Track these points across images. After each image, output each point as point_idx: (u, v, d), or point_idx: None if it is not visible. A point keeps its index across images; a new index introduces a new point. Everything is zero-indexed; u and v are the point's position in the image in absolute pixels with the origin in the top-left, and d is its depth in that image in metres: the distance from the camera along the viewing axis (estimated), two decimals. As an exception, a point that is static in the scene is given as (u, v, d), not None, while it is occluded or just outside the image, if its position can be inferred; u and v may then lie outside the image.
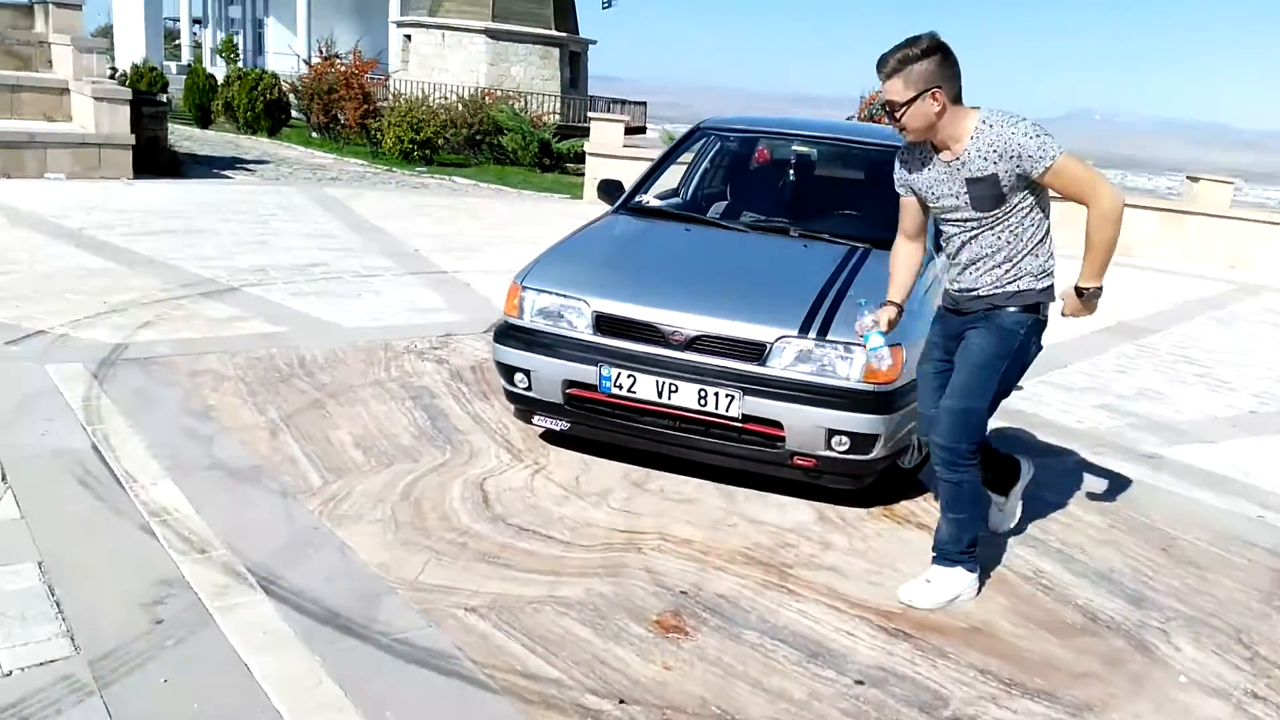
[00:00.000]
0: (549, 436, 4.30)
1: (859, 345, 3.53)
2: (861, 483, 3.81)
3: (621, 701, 2.52)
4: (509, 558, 3.25)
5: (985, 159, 2.90)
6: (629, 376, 3.73)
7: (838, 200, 5.18)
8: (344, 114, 20.83)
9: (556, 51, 32.00)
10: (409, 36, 31.69)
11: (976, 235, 3.04)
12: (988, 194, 2.94)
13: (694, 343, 3.70)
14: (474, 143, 21.35)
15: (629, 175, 12.80)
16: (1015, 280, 3.04)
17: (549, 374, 3.89)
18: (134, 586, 2.81)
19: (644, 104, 34.79)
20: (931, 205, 3.15)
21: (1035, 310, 3.08)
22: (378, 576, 3.02)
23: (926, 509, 3.92)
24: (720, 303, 3.79)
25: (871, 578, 3.33)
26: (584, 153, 22.20)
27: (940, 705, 2.63)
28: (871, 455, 3.64)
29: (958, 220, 3.07)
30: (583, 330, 3.86)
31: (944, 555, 3.19)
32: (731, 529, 3.63)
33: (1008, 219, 2.99)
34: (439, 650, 2.65)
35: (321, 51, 23.05)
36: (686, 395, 3.67)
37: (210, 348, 5.20)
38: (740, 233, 4.60)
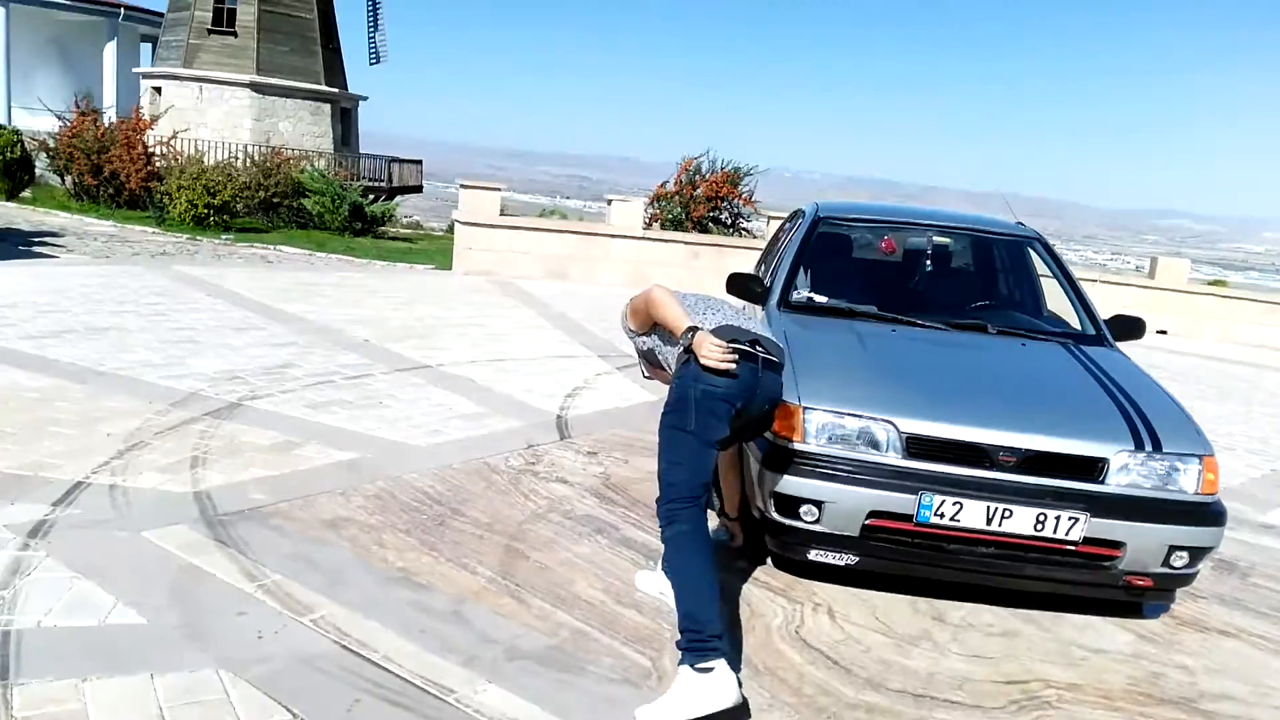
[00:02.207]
0: (787, 565, 3.87)
1: (1197, 457, 3.47)
2: (1174, 597, 3.72)
3: None
4: (950, 734, 2.84)
5: None
6: (954, 504, 3.42)
7: (980, 290, 5.14)
8: (122, 176, 18.57)
9: (328, 107, 30.50)
10: (159, 89, 28.93)
11: None
12: None
13: (1027, 464, 3.46)
14: (270, 206, 19.75)
15: (508, 245, 12.36)
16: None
17: (849, 505, 3.49)
18: None
19: (419, 162, 33.82)
20: None
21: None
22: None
23: (1194, 616, 3.90)
24: (1041, 418, 3.58)
25: (1268, 700, 3.23)
26: (389, 215, 21.27)
27: None
28: (1200, 567, 3.56)
29: None
30: (894, 454, 3.50)
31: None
32: (1091, 663, 3.40)
33: None
34: None
35: (79, 106, 20.47)
36: (1022, 520, 3.41)
37: (304, 488, 4.29)
38: (945, 331, 4.41)
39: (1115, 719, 3.03)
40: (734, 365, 3.04)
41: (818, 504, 3.51)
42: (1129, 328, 4.67)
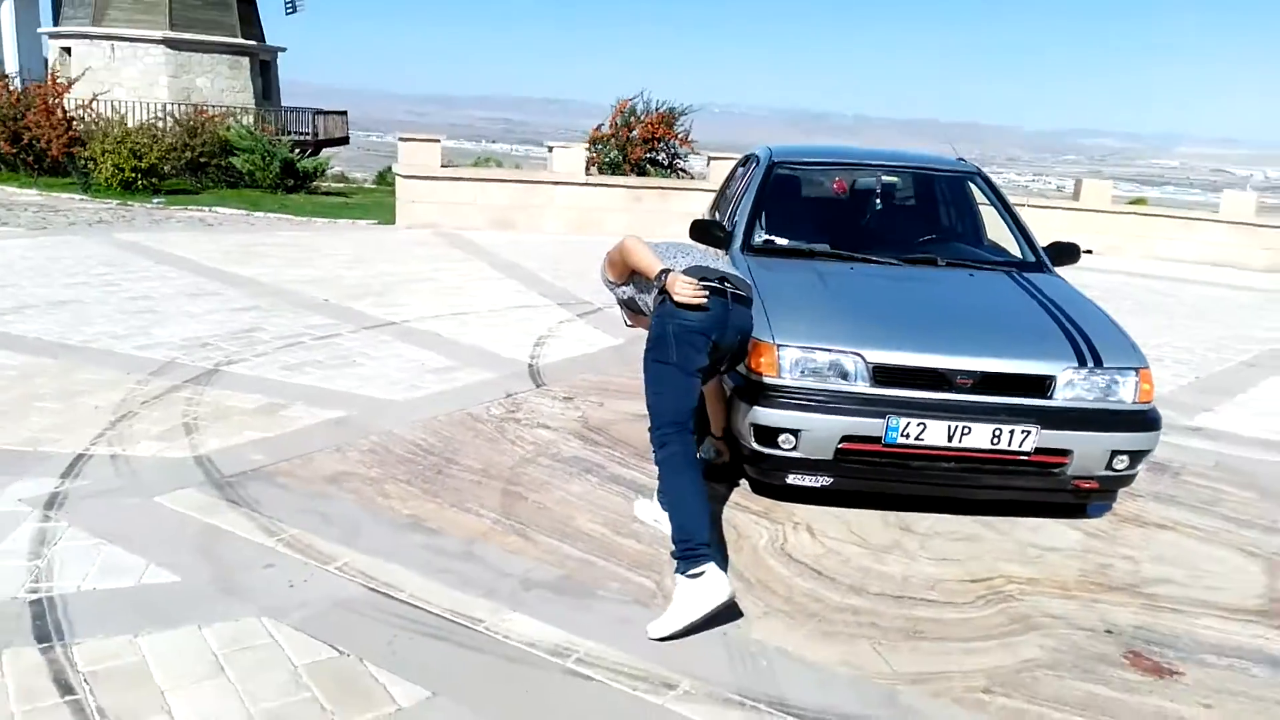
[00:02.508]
0: (758, 485, 4.17)
1: (1133, 370, 3.83)
2: (1115, 497, 4.11)
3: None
4: (927, 626, 3.18)
5: None
6: (919, 425, 3.74)
7: (927, 224, 5.44)
8: (42, 143, 17.99)
9: (246, 61, 29.66)
10: (68, 50, 27.80)
11: None
12: None
13: (981, 384, 3.79)
14: (198, 166, 19.32)
15: (452, 196, 12.36)
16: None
17: (823, 431, 3.79)
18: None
19: (344, 113, 33.05)
20: None
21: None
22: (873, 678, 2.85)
23: (1134, 513, 4.31)
24: (993, 342, 3.91)
25: (1202, 582, 3.64)
26: (321, 170, 20.94)
27: None
28: (1139, 469, 3.95)
29: None
30: (862, 383, 3.80)
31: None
32: (1046, 559, 3.77)
33: None
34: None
35: (-12, 71, 19.66)
36: (980, 436, 3.75)
37: (299, 447, 4.46)
38: (899, 265, 4.71)
39: (1071, 606, 3.40)
40: (705, 299, 3.28)
41: (795, 432, 3.80)
42: (1065, 253, 5.02)
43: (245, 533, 3.56)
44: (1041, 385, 3.81)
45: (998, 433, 3.74)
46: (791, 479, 3.95)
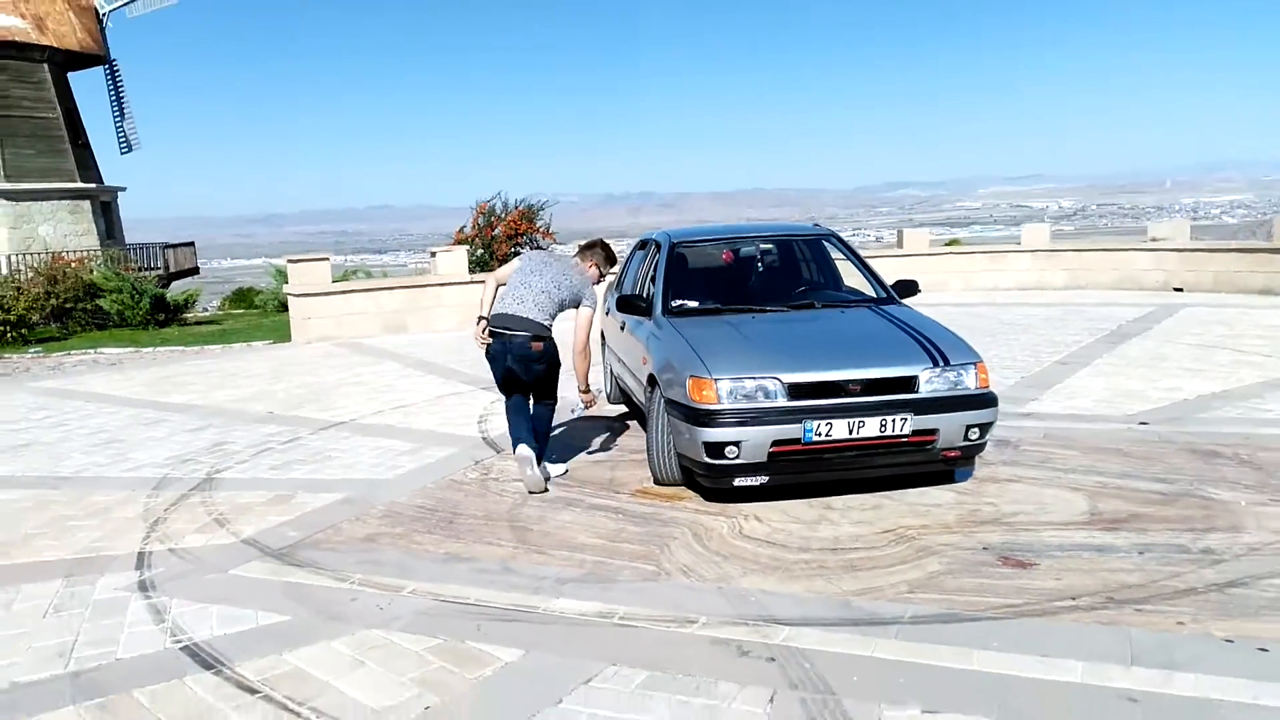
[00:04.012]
0: (708, 494, 5.30)
1: (972, 364, 5.19)
2: (974, 464, 5.44)
3: (1074, 598, 3.86)
4: (859, 563, 4.35)
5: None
6: (826, 424, 4.97)
7: (799, 278, 6.79)
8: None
9: (87, 204, 29.45)
10: (-108, 209, 26.98)
11: None
12: None
13: (867, 388, 5.06)
14: (63, 312, 19.30)
15: (345, 308, 13.10)
16: None
17: (757, 440, 4.96)
18: None
19: (192, 244, 33.06)
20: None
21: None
22: (848, 597, 3.99)
23: (989, 475, 5.65)
24: (869, 357, 5.19)
25: (1044, 510, 4.96)
26: (191, 301, 21.17)
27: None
28: (988, 438, 5.29)
29: None
30: (781, 399, 5.01)
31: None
32: (932, 512, 5.02)
33: None
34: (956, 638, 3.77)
35: None
36: (871, 427, 5.00)
37: (323, 522, 5.30)
38: (786, 311, 6.00)
39: (955, 537, 4.63)
40: (490, 342, 5.59)
41: (737, 443, 4.95)
42: (907, 288, 6.44)
43: (320, 582, 4.41)
44: (909, 384, 5.11)
45: (884, 423, 5.00)
46: (737, 481, 5.09)
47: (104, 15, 30.96)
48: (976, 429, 5.16)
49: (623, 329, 6.77)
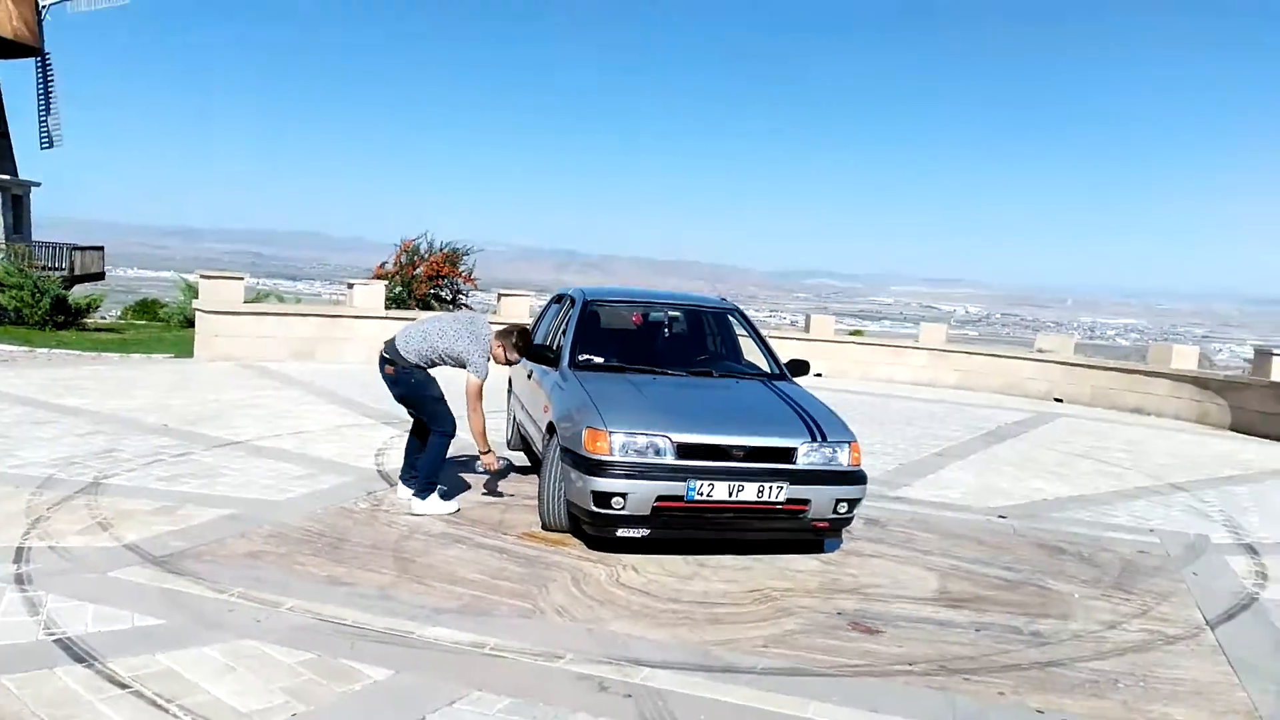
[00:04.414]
0: (592, 542, 5.54)
1: (847, 442, 5.59)
2: (841, 536, 5.81)
3: (910, 664, 4.21)
4: (723, 617, 4.63)
5: None
6: (709, 485, 5.29)
7: (702, 346, 7.16)
8: None
9: (-4, 195, 28.45)
10: None
11: None
12: None
13: (749, 455, 5.40)
14: (-44, 304, 18.70)
15: (255, 330, 13.05)
16: None
17: (643, 493, 5.24)
18: None
19: (101, 249, 32.19)
20: None
21: None
22: (692, 643, 4.25)
23: (855, 549, 6.03)
24: (755, 427, 5.55)
25: (898, 585, 5.34)
26: (94, 305, 20.67)
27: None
28: (855, 513, 5.67)
29: None
30: (669, 457, 5.31)
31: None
32: (797, 577, 5.36)
33: None
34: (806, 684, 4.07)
35: None
36: (750, 492, 5.33)
37: (208, 535, 5.35)
38: (685, 376, 6.36)
39: (814, 601, 4.96)
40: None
41: (623, 495, 5.22)
42: (799, 368, 6.86)
43: (199, 591, 4.49)
44: (789, 454, 5.47)
45: (761, 489, 5.34)
46: (620, 532, 5.34)
47: (44, 8, 30.37)
48: (845, 503, 5.54)
49: (529, 377, 7.02)
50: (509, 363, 6.36)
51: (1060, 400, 16.44)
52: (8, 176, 28.71)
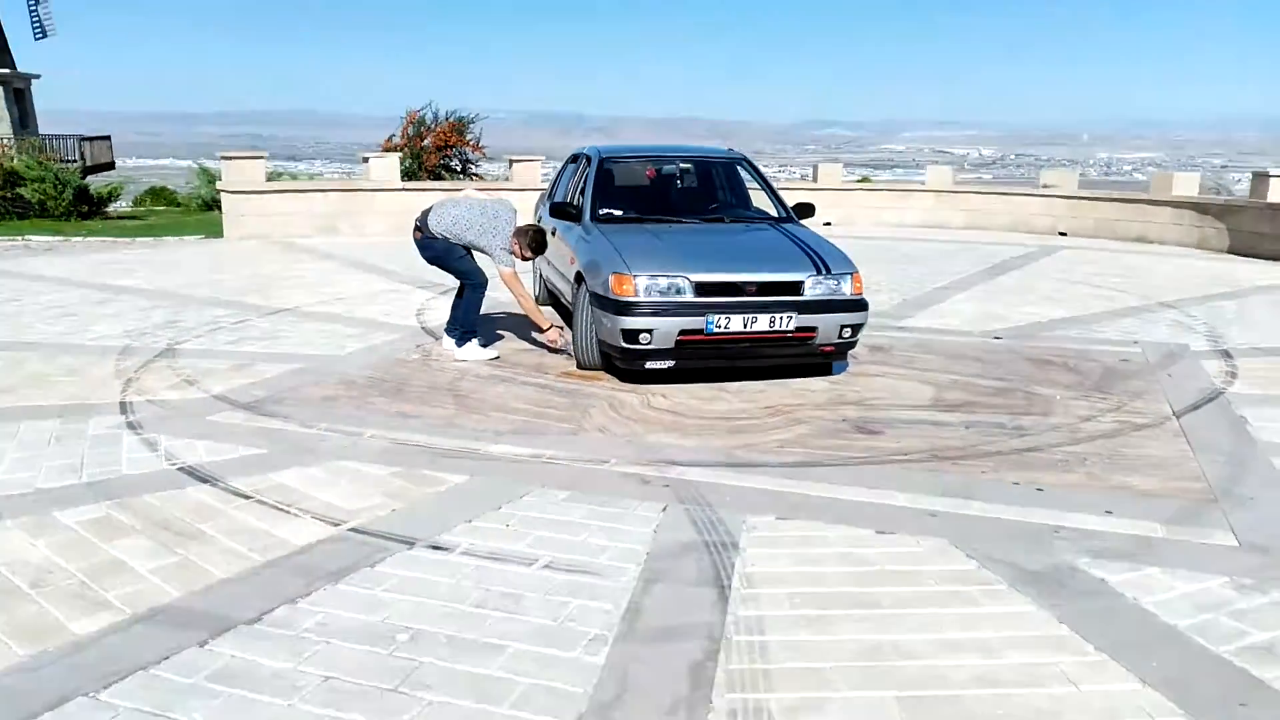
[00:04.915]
0: (623, 375, 6.19)
1: (849, 274, 6.15)
2: (847, 359, 6.45)
3: (906, 455, 4.89)
4: (744, 427, 5.31)
5: None
6: (725, 319, 5.89)
7: (713, 195, 7.66)
8: None
9: (0, 90, 28.41)
10: None
11: None
12: None
13: (760, 290, 5.98)
14: (-18, 201, 19.11)
15: (278, 208, 13.52)
16: None
17: (667, 328, 5.86)
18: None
19: (108, 138, 32.21)
20: None
21: None
22: (733, 449, 4.94)
23: (860, 370, 6.67)
24: (765, 264, 6.11)
25: (898, 396, 6.00)
26: (115, 194, 21.08)
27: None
28: (859, 337, 6.28)
29: None
30: (689, 295, 5.90)
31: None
32: (807, 395, 6.01)
33: None
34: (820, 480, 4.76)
35: None
36: (762, 323, 5.94)
37: (285, 385, 6.03)
38: (699, 223, 6.89)
39: (823, 413, 5.62)
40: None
41: (649, 331, 5.84)
42: (804, 210, 7.36)
43: (290, 427, 5.19)
44: (796, 288, 6.04)
45: (773, 319, 5.94)
46: (649, 365, 5.99)
47: (21, -112, 29.56)
48: (849, 329, 6.15)
49: (553, 234, 7.55)
50: (524, 259, 6.72)
51: (1064, 234, 16.84)
52: (8, 70, 28.59)
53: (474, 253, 6.79)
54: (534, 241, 6.64)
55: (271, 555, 3.62)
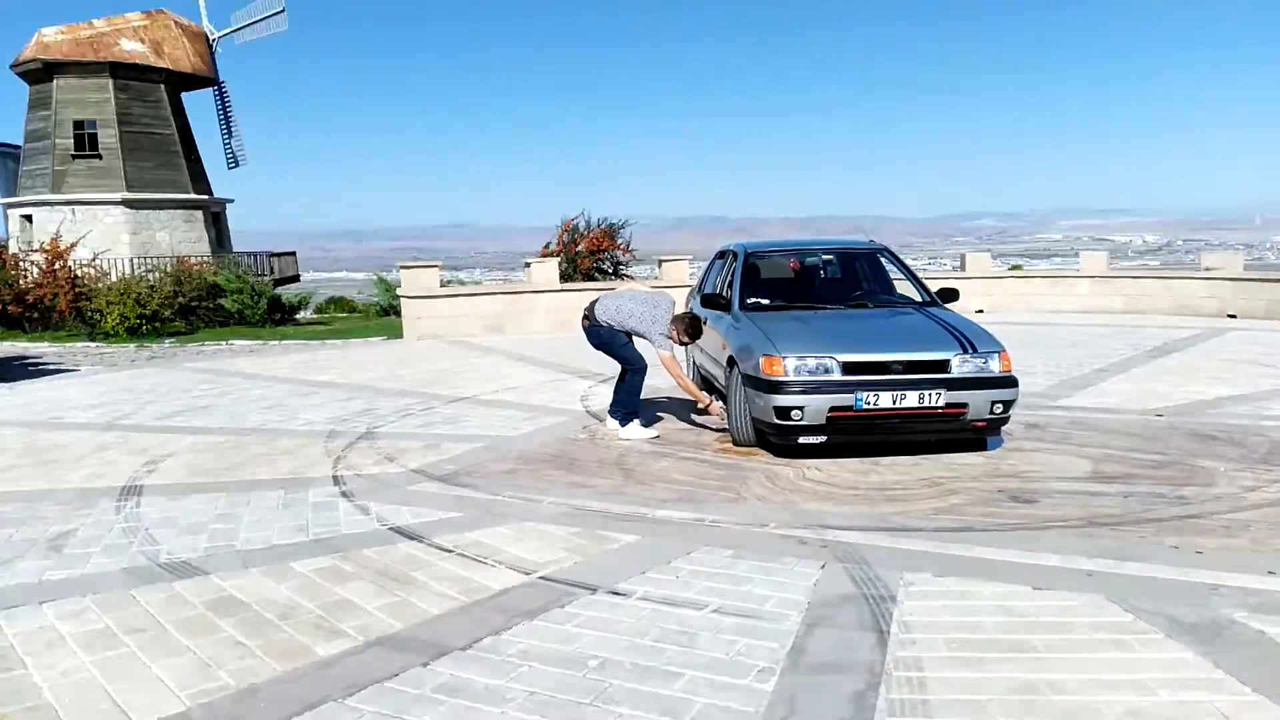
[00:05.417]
0: (778, 450, 6.52)
1: (996, 352, 6.35)
2: (999, 432, 6.60)
3: (1063, 521, 5.01)
4: (897, 496, 5.55)
5: None
6: (874, 396, 6.18)
7: (856, 284, 8.03)
8: (47, 300, 19.91)
9: (200, 214, 31.79)
10: (28, 217, 29.64)
11: None
12: None
13: (907, 368, 6.26)
14: (188, 310, 21.25)
15: (450, 310, 14.57)
16: None
17: (818, 405, 6.19)
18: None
19: (294, 254, 35.30)
20: None
21: None
22: (887, 516, 5.20)
23: (1015, 446, 6.78)
24: (910, 344, 6.41)
25: (1053, 470, 6.10)
26: (305, 303, 23.01)
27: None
28: (1010, 413, 6.44)
29: None
30: (837, 374, 6.24)
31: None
32: (962, 468, 6.19)
33: None
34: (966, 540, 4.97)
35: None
36: (911, 399, 6.20)
37: (470, 461, 6.65)
38: (844, 309, 7.26)
39: (978, 484, 5.79)
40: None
41: (801, 408, 6.20)
42: (949, 295, 7.63)
43: (479, 495, 5.76)
44: (943, 365, 6.29)
45: (922, 396, 6.19)
46: (801, 439, 6.32)
47: (214, 41, 33.50)
48: (1000, 404, 6.33)
49: (704, 323, 8.06)
50: (681, 343, 7.35)
51: (1234, 316, 16.22)
52: (207, 196, 31.93)
53: (635, 339, 7.35)
54: (690, 327, 7.16)
55: (475, 597, 4.12)
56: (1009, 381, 6.36)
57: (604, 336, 7.38)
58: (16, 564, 4.74)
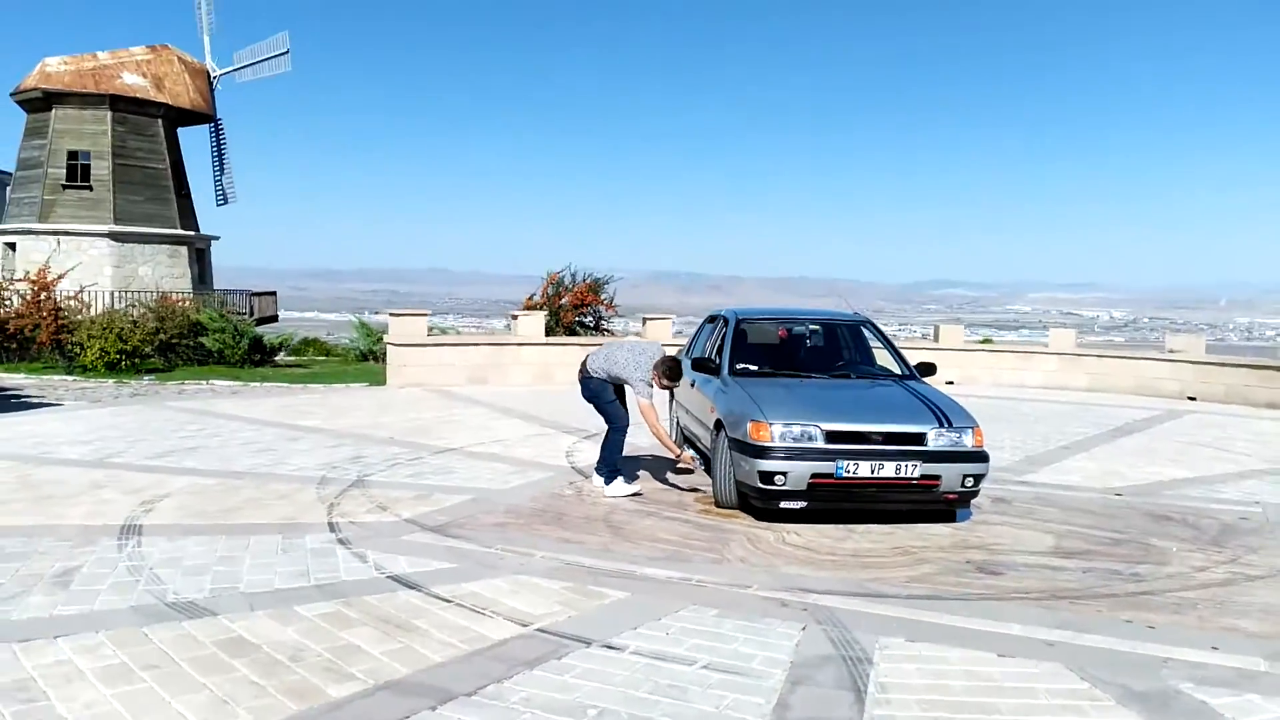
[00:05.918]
0: (759, 514, 6.82)
1: (970, 427, 6.72)
2: (968, 504, 6.94)
3: (1026, 593, 5.33)
4: (872, 564, 5.85)
5: None
6: (854, 464, 6.52)
7: (839, 354, 8.41)
8: (27, 331, 19.92)
9: (184, 249, 31.94)
10: (12, 245, 29.65)
11: None
12: None
13: (886, 439, 6.61)
14: (168, 347, 21.28)
15: (436, 359, 14.81)
16: None
17: (800, 471, 6.51)
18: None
19: (274, 293, 35.43)
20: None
21: None
22: (866, 581, 5.50)
23: (982, 519, 7.12)
24: (890, 416, 6.76)
25: (1019, 544, 6.43)
26: (286, 344, 23.14)
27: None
28: (980, 487, 6.79)
29: None
30: (820, 442, 6.57)
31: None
32: (932, 538, 6.51)
33: None
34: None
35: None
36: (889, 469, 6.53)
37: (462, 513, 6.88)
38: (828, 379, 7.61)
39: (948, 554, 6.11)
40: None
41: (784, 473, 6.51)
42: (926, 369, 8.02)
43: (472, 547, 6.00)
44: (920, 438, 6.65)
45: (899, 467, 6.53)
46: (783, 504, 6.63)
47: (215, 78, 33.93)
48: (971, 478, 6.68)
49: (692, 385, 8.39)
50: (662, 386, 7.63)
51: (1194, 399, 16.79)
52: (193, 233, 32.10)
53: (622, 397, 7.66)
54: (668, 370, 7.51)
55: (475, 646, 4.35)
56: (981, 456, 6.71)
57: (594, 389, 7.69)
58: (25, 598, 4.90)
